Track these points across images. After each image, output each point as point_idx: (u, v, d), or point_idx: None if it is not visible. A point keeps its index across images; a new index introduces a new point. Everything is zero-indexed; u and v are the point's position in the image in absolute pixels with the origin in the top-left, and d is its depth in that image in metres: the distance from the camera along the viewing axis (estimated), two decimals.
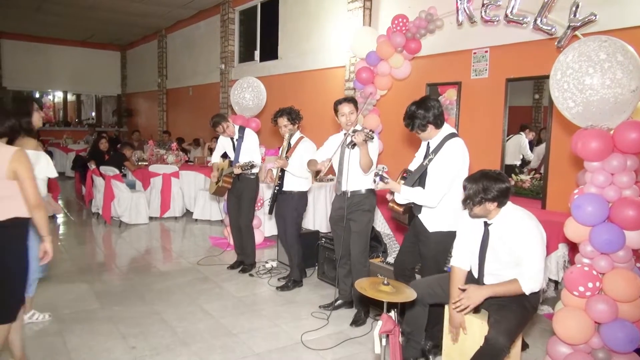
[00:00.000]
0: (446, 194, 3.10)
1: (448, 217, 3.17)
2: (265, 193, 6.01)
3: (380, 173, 3.12)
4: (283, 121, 4.41)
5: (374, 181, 3.14)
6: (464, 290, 2.70)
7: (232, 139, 4.99)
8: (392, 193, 3.32)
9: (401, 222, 3.54)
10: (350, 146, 3.63)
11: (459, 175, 3.09)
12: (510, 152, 4.76)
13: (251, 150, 4.91)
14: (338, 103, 3.85)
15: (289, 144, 4.43)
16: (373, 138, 3.36)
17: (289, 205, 4.49)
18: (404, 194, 3.15)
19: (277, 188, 4.47)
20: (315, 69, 7.23)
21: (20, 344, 2.87)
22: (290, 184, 4.44)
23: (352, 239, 3.82)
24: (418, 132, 3.18)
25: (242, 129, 5.00)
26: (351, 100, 3.85)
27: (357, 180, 3.74)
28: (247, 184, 4.95)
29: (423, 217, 3.24)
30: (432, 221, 3.21)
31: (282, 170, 4.41)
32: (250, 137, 5.01)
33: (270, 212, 4.66)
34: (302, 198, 4.53)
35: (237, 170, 4.71)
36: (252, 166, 4.64)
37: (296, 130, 4.48)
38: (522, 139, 4.75)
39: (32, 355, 3.20)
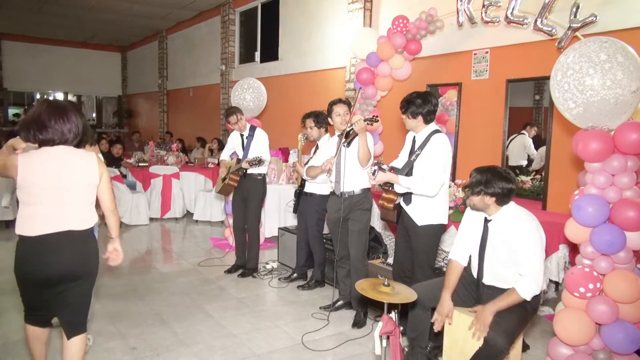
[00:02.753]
0: (443, 183, 3.21)
1: (436, 210, 3.29)
2: (270, 193, 6.00)
3: (379, 163, 3.21)
4: (309, 122, 4.49)
5: (373, 172, 3.23)
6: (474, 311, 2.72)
7: (241, 135, 4.92)
8: (387, 186, 3.38)
9: (389, 221, 3.59)
10: (345, 144, 3.66)
11: (446, 168, 3.25)
12: (515, 152, 4.72)
13: (261, 149, 4.83)
14: (333, 104, 3.96)
15: (317, 146, 4.50)
16: (377, 121, 3.48)
17: (310, 207, 4.56)
18: (404, 183, 3.22)
19: (300, 188, 4.58)
20: (316, 70, 7.23)
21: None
22: (311, 187, 4.50)
23: (352, 238, 3.82)
24: (408, 117, 3.33)
25: (253, 128, 4.93)
26: (345, 101, 3.98)
27: (354, 180, 3.77)
28: (253, 185, 4.85)
29: (412, 211, 3.31)
30: (420, 215, 3.29)
31: None
32: (261, 136, 4.93)
33: (294, 211, 4.77)
34: (322, 201, 4.52)
35: (245, 165, 4.62)
36: (260, 161, 4.56)
37: (324, 134, 4.52)
38: (526, 139, 4.70)
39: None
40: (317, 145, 4.53)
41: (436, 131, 3.32)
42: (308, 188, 4.52)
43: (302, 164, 4.51)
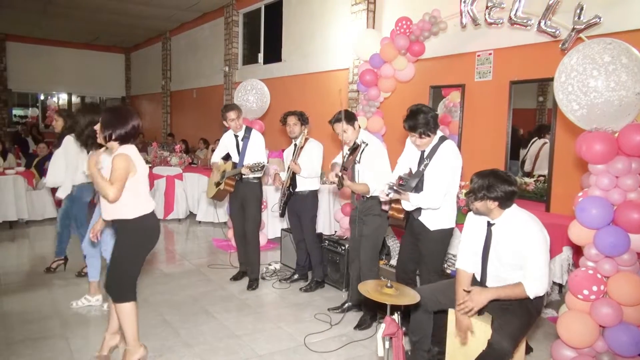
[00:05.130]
0: (446, 193, 3.20)
1: (447, 214, 3.30)
2: (270, 195, 6.01)
3: (394, 187, 3.16)
4: (292, 119, 4.47)
5: (387, 194, 3.17)
6: (468, 292, 2.70)
7: (236, 137, 4.72)
8: (392, 202, 3.38)
9: (398, 226, 3.59)
10: (357, 161, 3.66)
11: (455, 175, 3.24)
12: (534, 158, 4.65)
13: (257, 152, 4.61)
14: (331, 123, 3.84)
15: (295, 145, 4.50)
16: (342, 185, 3.50)
17: (303, 206, 4.56)
18: (413, 201, 3.21)
19: (289, 190, 4.52)
20: (319, 72, 7.24)
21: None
22: (302, 184, 4.51)
23: (362, 243, 3.81)
24: (429, 135, 3.21)
25: (248, 129, 4.71)
26: (340, 119, 3.64)
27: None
28: (250, 189, 4.65)
29: (423, 218, 3.31)
30: (432, 220, 3.29)
31: (293, 172, 4.45)
32: (257, 137, 4.70)
33: (282, 215, 4.70)
34: (315, 197, 4.62)
35: (245, 171, 4.37)
36: (263, 167, 4.32)
37: (303, 132, 4.53)
38: (547, 144, 4.53)
39: (36, 356, 3.22)
40: (295, 145, 4.51)
41: (443, 138, 3.26)
42: (299, 187, 4.50)
43: (296, 162, 4.45)
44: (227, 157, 4.93)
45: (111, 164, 2.82)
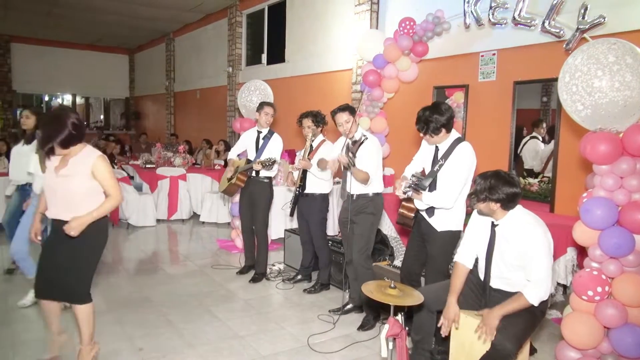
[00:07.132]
0: (459, 195, 3.20)
1: (456, 217, 3.29)
2: (276, 196, 6.00)
3: (413, 186, 3.19)
4: (307, 122, 4.45)
5: (405, 192, 3.21)
6: (480, 315, 2.70)
7: (259, 133, 4.80)
8: (408, 200, 3.39)
9: (406, 225, 3.58)
10: (352, 155, 3.67)
11: (469, 178, 3.21)
12: (530, 156, 4.66)
13: (273, 153, 4.70)
14: (334, 113, 3.91)
15: (311, 146, 4.48)
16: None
17: (312, 208, 4.53)
18: (425, 200, 3.22)
19: (298, 190, 4.51)
20: (322, 72, 7.24)
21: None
22: (312, 187, 4.47)
23: (354, 240, 3.83)
24: (432, 136, 3.24)
25: (271, 131, 4.84)
26: (346, 108, 3.88)
27: (362, 184, 3.75)
28: (260, 188, 4.78)
29: (432, 219, 3.31)
30: (440, 221, 3.29)
31: (304, 172, 4.45)
32: (277, 140, 4.81)
33: (291, 214, 4.72)
34: (324, 200, 4.56)
35: (257, 167, 4.50)
36: (273, 162, 4.46)
37: (319, 134, 4.51)
38: (537, 144, 4.57)
39: (39, 357, 3.22)
40: (310, 146, 4.49)
41: (459, 139, 3.26)
42: (309, 188, 4.48)
43: (306, 159, 4.48)
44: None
45: (95, 168, 2.82)
